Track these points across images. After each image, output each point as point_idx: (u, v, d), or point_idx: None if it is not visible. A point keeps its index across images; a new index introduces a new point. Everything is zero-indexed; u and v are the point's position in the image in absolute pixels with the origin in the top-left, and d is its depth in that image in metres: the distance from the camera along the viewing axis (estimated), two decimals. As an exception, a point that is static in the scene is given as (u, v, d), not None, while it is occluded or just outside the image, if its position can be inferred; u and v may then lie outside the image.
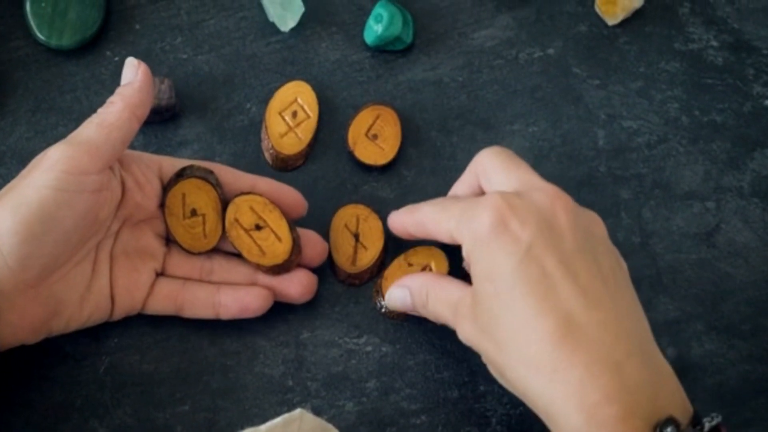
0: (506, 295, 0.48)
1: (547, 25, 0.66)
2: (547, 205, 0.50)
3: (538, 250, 0.48)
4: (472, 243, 0.50)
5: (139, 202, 0.57)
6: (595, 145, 0.64)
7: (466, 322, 0.51)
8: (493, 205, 0.49)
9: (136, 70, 0.56)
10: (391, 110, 0.62)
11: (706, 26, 0.67)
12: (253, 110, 0.63)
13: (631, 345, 0.47)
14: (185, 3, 0.66)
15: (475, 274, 0.50)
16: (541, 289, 0.47)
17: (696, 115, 0.65)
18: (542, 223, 0.49)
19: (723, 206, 0.63)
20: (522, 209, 0.49)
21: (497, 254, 0.48)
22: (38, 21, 0.63)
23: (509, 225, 0.48)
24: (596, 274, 0.48)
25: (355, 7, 0.66)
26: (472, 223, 0.50)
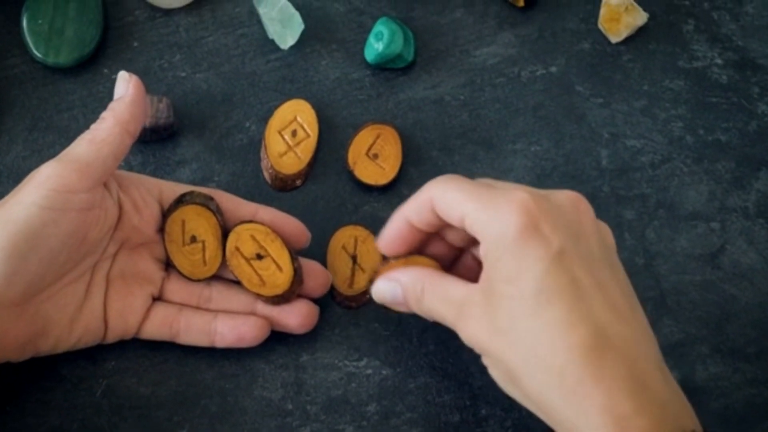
0: (532, 300, 0.46)
1: (549, 43, 0.67)
2: (572, 209, 0.48)
3: (568, 257, 0.46)
4: (495, 241, 0.47)
5: (136, 225, 0.57)
6: (598, 164, 0.64)
7: (474, 322, 0.48)
8: (523, 204, 0.47)
9: (128, 84, 0.56)
10: (391, 129, 0.62)
11: (711, 44, 0.67)
12: (253, 129, 0.63)
13: (653, 361, 0.46)
14: (184, 20, 0.66)
15: (495, 275, 0.47)
16: (571, 298, 0.45)
17: (700, 134, 0.65)
18: (570, 229, 0.47)
19: (728, 227, 0.63)
20: (552, 212, 0.47)
21: (525, 257, 0.46)
22: (35, 38, 0.63)
23: (540, 228, 0.46)
24: (619, 286, 0.48)
25: (356, 24, 0.66)
26: (495, 220, 0.47)
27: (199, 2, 0.66)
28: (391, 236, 0.53)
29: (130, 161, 0.62)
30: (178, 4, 0.66)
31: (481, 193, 0.48)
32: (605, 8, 0.66)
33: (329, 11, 0.66)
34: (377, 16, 0.66)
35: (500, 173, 0.63)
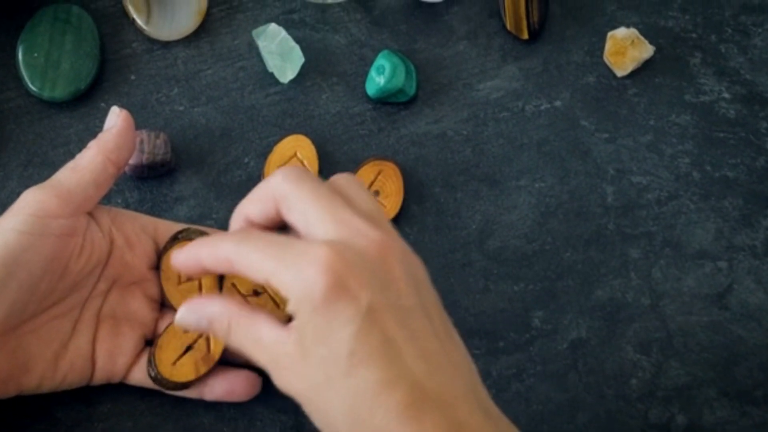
0: (345, 362, 0.44)
1: (554, 76, 0.67)
2: (379, 258, 0.46)
3: (378, 313, 0.45)
4: (300, 304, 0.45)
5: (128, 262, 0.57)
6: (603, 201, 0.64)
7: (289, 373, 0.47)
8: (327, 262, 0.44)
9: (116, 117, 0.56)
10: (393, 165, 0.62)
11: (718, 77, 0.67)
12: (252, 165, 0.63)
13: (471, 401, 0.46)
14: (182, 52, 0.66)
15: (305, 336, 0.46)
16: (384, 358, 0.44)
17: (707, 171, 0.65)
18: (378, 280, 0.46)
19: (735, 266, 0.63)
20: (358, 266, 0.45)
21: (333, 319, 0.45)
22: (30, 72, 0.63)
23: (347, 285, 0.44)
24: (431, 330, 0.46)
25: (357, 57, 0.66)
26: (301, 280, 0.45)
27: (198, 34, 0.66)
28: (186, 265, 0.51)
29: (127, 198, 0.62)
30: (176, 36, 0.66)
31: (280, 252, 0.46)
32: (611, 41, 0.66)
33: (330, 43, 0.66)
34: (379, 48, 0.66)
35: (504, 210, 0.63)
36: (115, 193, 0.62)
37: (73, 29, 0.64)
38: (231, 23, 0.67)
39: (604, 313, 0.61)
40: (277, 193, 0.49)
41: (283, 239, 0.47)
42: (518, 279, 0.62)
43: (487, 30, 0.67)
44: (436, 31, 0.67)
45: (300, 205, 0.48)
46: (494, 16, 0.68)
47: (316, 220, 0.47)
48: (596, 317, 0.61)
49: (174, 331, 0.56)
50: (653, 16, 0.68)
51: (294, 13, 0.67)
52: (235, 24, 0.67)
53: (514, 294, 0.62)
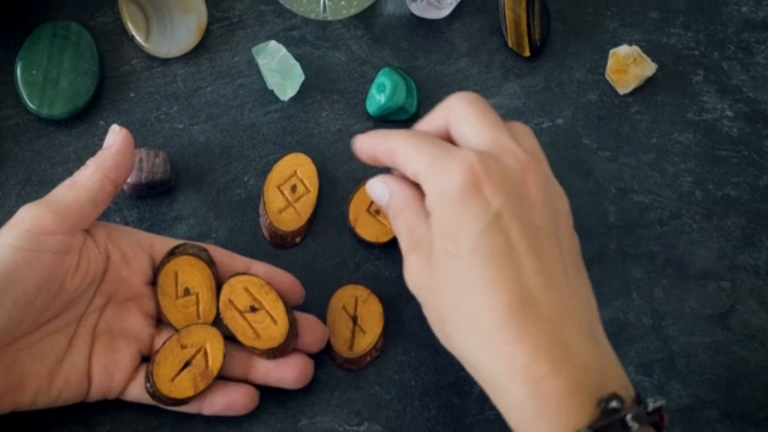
0: (466, 259, 0.48)
1: (556, 94, 0.67)
2: (520, 175, 0.50)
3: (506, 220, 0.48)
4: (438, 197, 0.50)
5: (124, 278, 0.57)
6: (605, 220, 0.64)
7: (417, 267, 0.51)
8: (468, 164, 0.49)
9: (116, 135, 0.56)
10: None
11: (721, 95, 0.67)
12: (251, 183, 0.64)
13: (581, 326, 0.48)
14: (181, 69, 0.66)
15: (436, 230, 0.50)
16: (503, 259, 0.48)
17: (710, 189, 0.65)
18: (513, 192, 0.49)
19: (738, 286, 0.63)
20: (496, 174, 0.49)
21: (463, 215, 0.48)
22: (29, 89, 0.64)
23: (481, 188, 0.48)
24: (557, 253, 0.49)
25: (357, 74, 0.67)
26: (442, 177, 0.49)
27: (197, 51, 0.66)
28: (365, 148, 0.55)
29: (126, 217, 0.62)
30: (176, 53, 0.66)
31: (434, 152, 0.50)
32: (613, 59, 0.66)
33: (330, 61, 0.67)
34: (379, 66, 0.66)
35: (505, 230, 0.63)
36: (113, 212, 0.62)
37: (71, 46, 0.64)
38: (231, 40, 0.67)
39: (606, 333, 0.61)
40: (451, 109, 0.53)
41: (443, 144, 0.51)
42: (519, 299, 0.62)
43: (489, 47, 0.68)
44: (437, 48, 0.67)
45: (467, 120, 0.52)
46: (495, 33, 0.68)
47: (474, 133, 0.51)
48: (598, 338, 0.61)
49: (171, 347, 0.56)
50: (655, 33, 0.68)
51: (294, 30, 0.67)
52: (235, 41, 0.67)
53: (516, 314, 0.62)
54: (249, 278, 0.57)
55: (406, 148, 0.52)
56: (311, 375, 0.58)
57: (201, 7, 0.67)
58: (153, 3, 0.66)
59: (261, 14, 0.68)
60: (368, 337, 0.60)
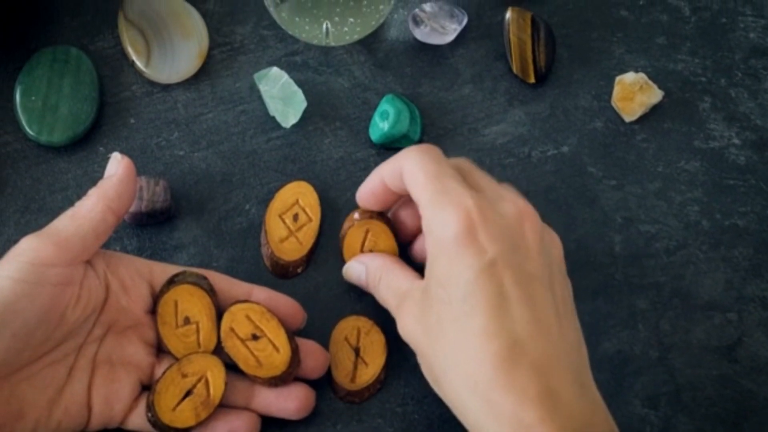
0: (458, 306, 0.49)
1: (561, 121, 0.67)
2: (516, 221, 0.51)
3: (500, 268, 0.49)
4: (434, 242, 0.51)
5: (124, 307, 0.57)
6: (611, 250, 0.64)
7: (409, 317, 0.53)
8: (465, 209, 0.50)
9: (118, 164, 0.56)
10: (379, 223, 0.60)
11: (728, 123, 0.67)
12: (253, 212, 0.64)
13: (569, 374, 0.49)
14: (182, 95, 0.66)
15: (431, 275, 0.51)
16: (494, 308, 0.48)
17: (717, 219, 0.65)
18: (509, 239, 0.50)
19: (745, 318, 0.63)
20: (492, 221, 0.50)
21: (457, 261, 0.49)
22: (28, 116, 0.64)
23: (477, 236, 0.49)
24: (550, 301, 0.50)
25: (360, 101, 0.67)
26: (439, 221, 0.50)
27: (198, 77, 0.66)
28: (366, 191, 0.58)
29: (126, 246, 0.62)
30: (177, 79, 0.66)
31: (437, 188, 0.51)
32: (619, 87, 0.66)
33: (333, 86, 0.67)
34: (383, 92, 0.67)
35: (509, 260, 0.63)
36: (113, 241, 0.63)
37: (71, 72, 0.65)
38: (232, 65, 0.67)
39: (611, 366, 0.62)
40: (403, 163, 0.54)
41: (448, 176, 0.52)
42: (524, 330, 0.62)
43: (493, 73, 0.68)
44: (441, 74, 0.68)
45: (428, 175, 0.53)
46: (500, 59, 0.68)
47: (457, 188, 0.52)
48: (603, 370, 0.61)
49: (172, 376, 0.56)
50: (662, 60, 0.69)
51: (296, 55, 0.67)
52: (237, 66, 0.67)
53: (520, 346, 0.62)
54: (250, 306, 0.57)
55: (418, 172, 0.52)
56: (313, 405, 0.58)
57: (202, 31, 0.67)
58: (154, 28, 0.66)
59: (263, 39, 0.68)
60: (371, 369, 0.60)
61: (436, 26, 0.67)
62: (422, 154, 0.53)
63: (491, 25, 0.69)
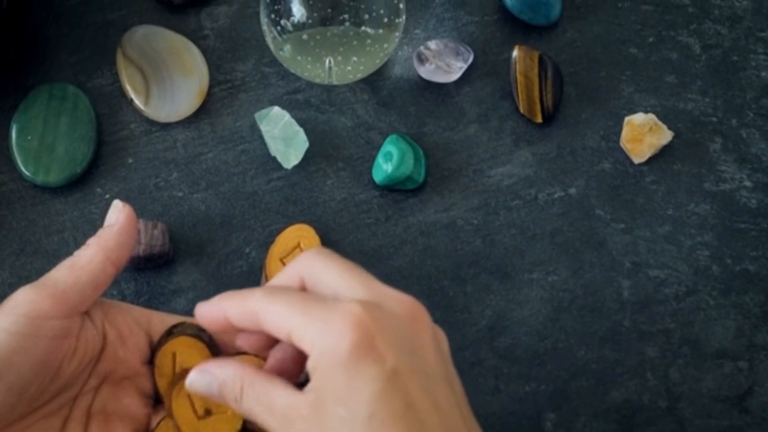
0: (364, 424, 0.45)
1: (568, 162, 0.67)
2: (409, 322, 0.48)
3: (403, 377, 0.46)
4: (324, 358, 0.46)
5: (121, 357, 0.57)
6: (619, 296, 0.64)
7: None
8: (355, 317, 0.46)
9: (119, 213, 0.56)
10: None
11: (739, 164, 0.68)
12: (253, 255, 0.64)
13: None
14: (182, 134, 0.66)
15: (325, 392, 0.47)
16: (406, 423, 0.45)
17: (728, 264, 0.65)
18: (406, 343, 0.47)
19: (756, 366, 0.63)
20: (387, 326, 0.46)
21: (357, 378, 0.46)
22: (24, 156, 0.64)
23: (374, 344, 0.45)
24: (454, 402, 0.48)
25: (363, 140, 0.67)
26: (327, 336, 0.46)
27: (198, 115, 0.67)
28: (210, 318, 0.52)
29: (123, 290, 0.63)
30: (176, 118, 0.66)
31: (309, 306, 0.47)
32: (628, 127, 0.66)
33: (336, 126, 0.67)
34: (386, 131, 0.67)
35: (515, 305, 0.64)
36: (110, 285, 0.62)
37: (68, 110, 0.65)
38: (233, 103, 0.67)
39: (619, 416, 0.62)
40: (304, 268, 0.50)
41: (314, 296, 0.48)
42: (530, 379, 0.62)
43: (499, 112, 0.68)
44: (446, 113, 0.68)
45: (329, 276, 0.49)
46: (506, 97, 0.68)
47: (346, 287, 0.48)
48: (611, 420, 0.62)
49: (167, 427, 0.56)
50: (672, 99, 0.69)
51: (298, 93, 0.68)
52: (237, 104, 0.67)
53: (526, 395, 0.62)
54: (250, 358, 0.57)
55: (273, 305, 0.48)
56: None
57: (202, 69, 0.67)
58: (153, 65, 0.66)
59: (264, 76, 0.68)
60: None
61: (441, 64, 0.67)
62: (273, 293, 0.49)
63: (497, 63, 0.69)
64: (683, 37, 0.71)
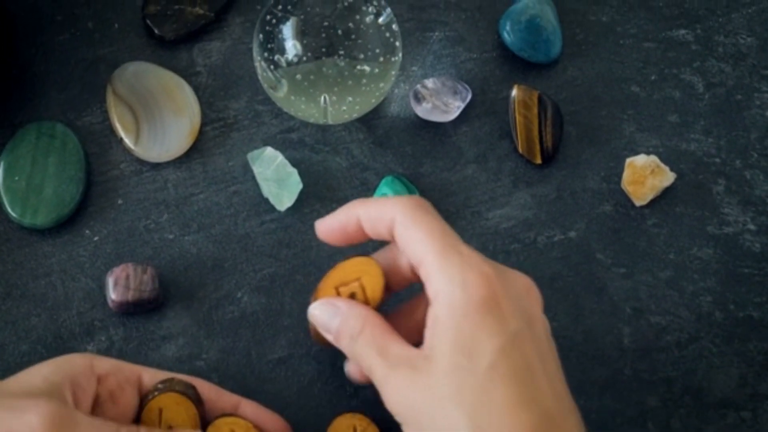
0: (484, 375, 0.48)
1: (568, 204, 0.67)
2: (526, 296, 0.52)
3: (522, 339, 0.50)
4: (452, 306, 0.50)
5: (112, 417, 0.57)
6: (619, 343, 0.64)
7: (409, 385, 0.50)
8: (487, 278, 0.50)
9: None
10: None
11: (743, 207, 0.68)
12: (245, 300, 0.64)
13: None
14: (173, 175, 0.67)
15: (447, 341, 0.49)
16: (522, 380, 0.49)
17: (731, 310, 0.66)
18: (526, 314, 0.51)
19: (760, 416, 0.63)
20: (512, 294, 0.51)
21: (482, 330, 0.49)
22: (11, 197, 0.64)
23: (501, 305, 0.50)
24: (561, 378, 0.51)
25: (359, 181, 0.67)
26: (459, 287, 0.50)
27: (190, 155, 0.67)
28: (334, 227, 0.56)
29: (112, 336, 0.63)
30: (167, 157, 0.66)
31: (447, 251, 0.51)
32: (629, 170, 0.67)
33: (330, 166, 0.67)
34: (382, 172, 0.67)
35: (513, 353, 0.64)
36: (99, 330, 0.63)
37: (57, 150, 0.65)
38: (225, 143, 0.67)
39: (619, 468, 0.62)
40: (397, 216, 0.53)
41: (452, 240, 0.52)
42: (528, 429, 0.63)
43: (498, 152, 0.68)
44: (443, 153, 0.68)
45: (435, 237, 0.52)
46: (505, 137, 0.69)
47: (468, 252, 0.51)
48: (611, 472, 0.62)
49: None
50: (674, 139, 0.69)
51: (292, 132, 0.68)
52: (230, 143, 0.67)
53: (524, 445, 0.62)
54: (235, 420, 0.57)
55: (414, 228, 0.52)
56: None
57: (194, 107, 0.67)
58: (143, 104, 0.66)
59: (257, 115, 0.68)
60: (367, 471, 0.60)
61: (439, 103, 0.67)
62: (419, 209, 0.53)
63: (496, 101, 0.69)
64: (686, 75, 0.71)
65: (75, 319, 0.63)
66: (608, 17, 0.72)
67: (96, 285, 0.64)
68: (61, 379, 0.54)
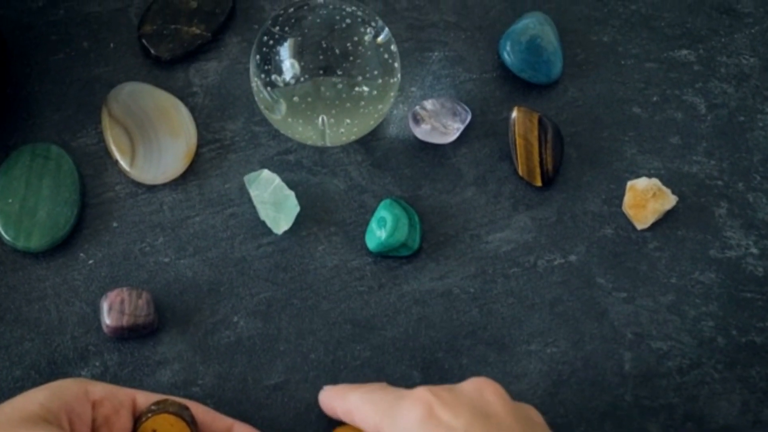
0: None
1: (569, 228, 0.67)
2: (478, 393, 0.53)
3: None
4: None
5: None
6: (620, 369, 0.64)
7: None
8: (420, 398, 0.52)
9: None
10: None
11: (746, 230, 0.68)
12: (241, 324, 0.64)
13: None
14: (168, 197, 0.67)
15: None
16: None
17: (733, 336, 0.66)
18: (476, 410, 0.51)
19: (762, 444, 0.63)
20: (452, 400, 0.51)
21: None
22: (4, 220, 0.64)
23: (440, 417, 0.50)
24: None
25: (357, 204, 0.67)
26: (398, 420, 0.52)
27: (186, 177, 0.67)
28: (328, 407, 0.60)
29: (106, 361, 0.63)
30: (163, 179, 0.66)
31: (384, 399, 0.54)
32: (630, 193, 0.67)
33: (328, 188, 0.67)
34: (380, 194, 0.67)
35: (513, 379, 0.64)
36: (93, 355, 0.63)
37: (51, 172, 0.65)
38: (222, 164, 0.67)
39: (619, 496, 0.62)
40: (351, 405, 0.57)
41: (395, 390, 0.56)
42: (527, 456, 0.62)
43: (498, 175, 0.68)
44: (442, 175, 0.68)
45: None
46: (505, 159, 0.69)
47: None
48: (611, 500, 0.62)
49: None
50: (676, 161, 0.69)
51: (290, 154, 0.68)
52: (226, 165, 0.67)
53: (523, 473, 0.62)
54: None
55: (361, 405, 0.55)
56: None
57: (190, 128, 0.67)
58: (139, 125, 0.67)
59: (254, 136, 0.68)
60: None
61: (438, 125, 0.67)
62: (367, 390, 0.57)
63: (496, 122, 0.69)
64: (688, 96, 0.71)
65: (69, 343, 0.63)
66: (610, 37, 0.72)
67: (90, 309, 0.64)
68: (57, 405, 0.54)
